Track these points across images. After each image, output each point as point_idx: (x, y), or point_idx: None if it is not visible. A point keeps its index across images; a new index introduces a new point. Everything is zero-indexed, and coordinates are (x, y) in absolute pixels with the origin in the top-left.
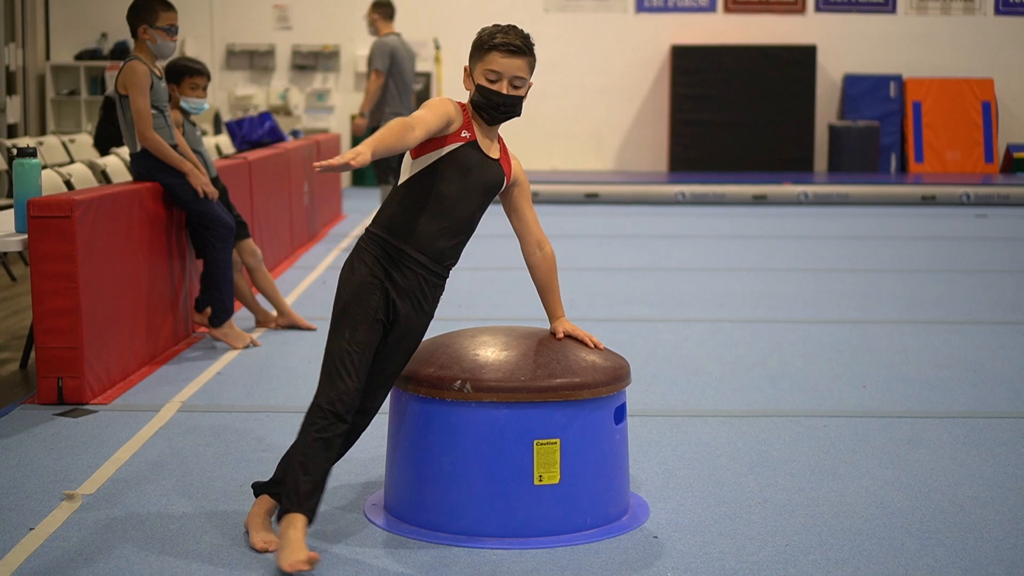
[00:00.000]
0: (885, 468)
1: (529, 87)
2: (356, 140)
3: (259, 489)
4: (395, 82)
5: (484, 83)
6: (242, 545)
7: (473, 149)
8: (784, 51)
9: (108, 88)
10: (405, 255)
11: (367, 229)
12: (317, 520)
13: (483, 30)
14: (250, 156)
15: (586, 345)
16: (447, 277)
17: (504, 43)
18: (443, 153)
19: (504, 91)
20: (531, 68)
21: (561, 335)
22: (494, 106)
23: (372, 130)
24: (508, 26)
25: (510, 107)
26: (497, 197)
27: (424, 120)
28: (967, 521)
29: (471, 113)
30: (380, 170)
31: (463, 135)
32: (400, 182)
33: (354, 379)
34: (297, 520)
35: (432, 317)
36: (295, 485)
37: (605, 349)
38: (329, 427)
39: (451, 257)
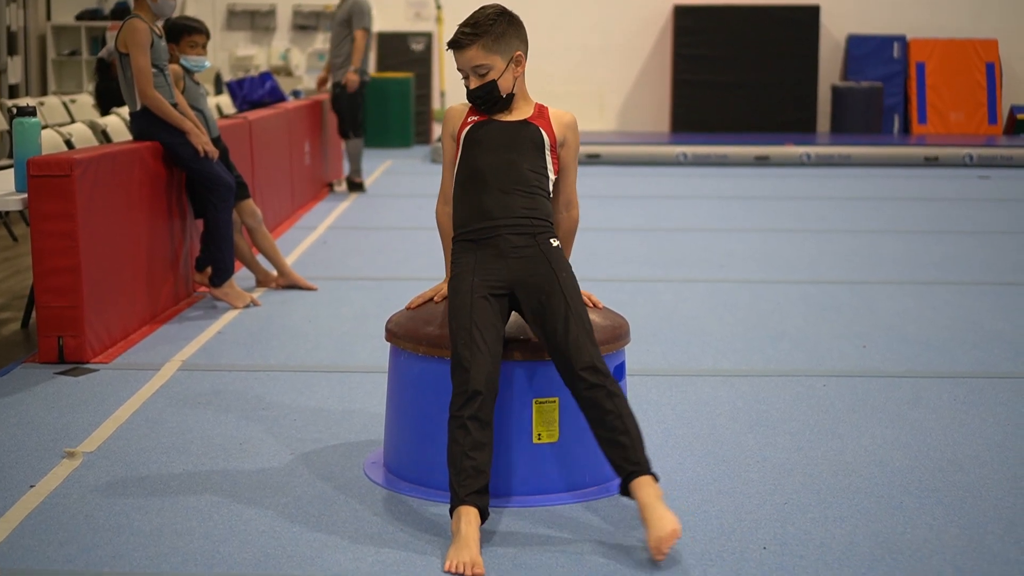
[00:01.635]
0: (885, 428)
1: (512, 66)
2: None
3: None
4: (369, 38)
5: (463, 81)
6: (241, 502)
7: (483, 125)
8: (787, 11)
9: (108, 45)
10: (473, 233)
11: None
12: (315, 478)
13: None
14: (251, 116)
15: (590, 304)
16: (542, 231)
17: (451, 43)
18: (461, 143)
19: (471, 86)
20: (491, 50)
21: None
22: (473, 101)
23: (363, 84)
24: (466, 19)
25: (483, 98)
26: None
27: (444, 173)
28: (966, 480)
29: None
30: (348, 125)
31: (469, 120)
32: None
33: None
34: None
35: (559, 268)
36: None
37: (604, 308)
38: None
39: (519, 211)
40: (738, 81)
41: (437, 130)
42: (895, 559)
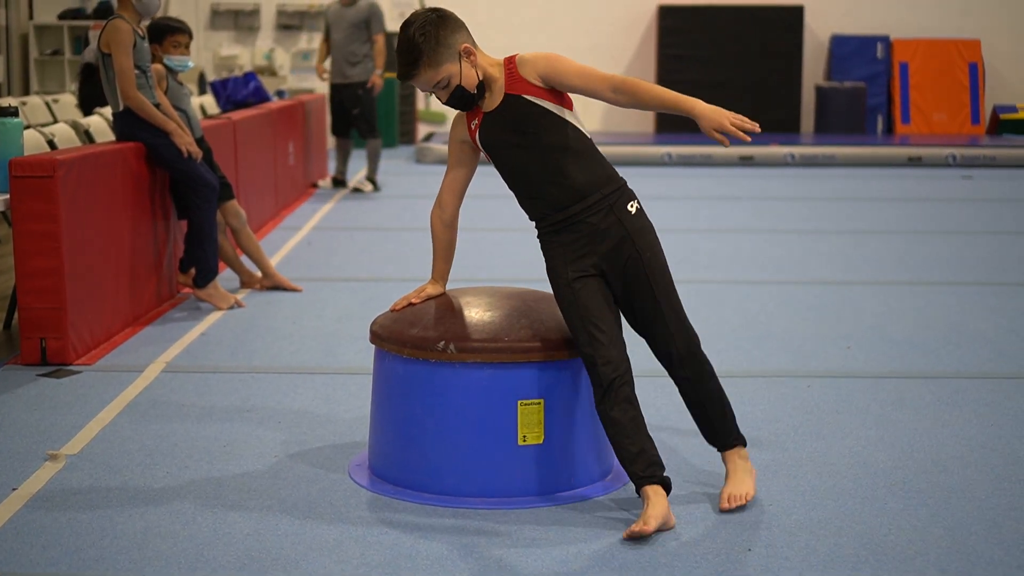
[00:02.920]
0: (869, 428)
1: (464, 62)
2: (340, 100)
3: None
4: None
5: None
6: (226, 504)
7: (486, 128)
8: (771, 11)
9: (91, 46)
10: (553, 225)
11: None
12: (299, 481)
13: None
14: (235, 116)
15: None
16: (615, 198)
17: (398, 76)
18: (482, 149)
19: (442, 100)
20: (436, 64)
21: (721, 122)
22: (453, 107)
23: (369, 86)
24: (397, 47)
25: (459, 104)
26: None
27: (444, 178)
28: (950, 481)
29: None
30: (369, 126)
31: (472, 126)
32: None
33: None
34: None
35: (643, 248)
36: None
37: None
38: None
39: (583, 188)
40: (722, 81)
41: (422, 130)
42: (879, 560)
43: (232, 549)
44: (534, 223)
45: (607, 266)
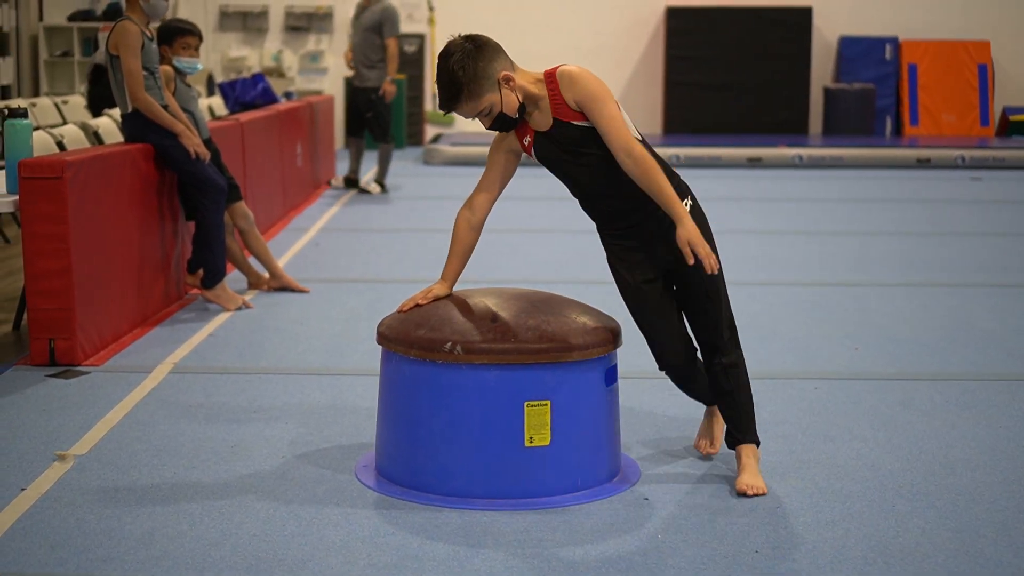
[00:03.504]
0: (877, 430)
1: (504, 88)
2: (355, 102)
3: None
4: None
5: None
6: (233, 505)
7: (540, 146)
8: (779, 13)
9: (100, 48)
10: (615, 231)
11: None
12: (306, 482)
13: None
14: (243, 118)
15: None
16: (685, 197)
17: (440, 107)
18: (536, 159)
19: (485, 126)
20: (477, 94)
21: (685, 244)
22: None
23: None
24: (437, 77)
25: (501, 128)
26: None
27: (480, 180)
28: (959, 484)
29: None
30: (382, 129)
31: (526, 141)
32: None
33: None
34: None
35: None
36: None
37: (597, 311)
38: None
39: (637, 197)
40: (730, 83)
41: (430, 132)
42: (887, 563)
43: (239, 550)
44: (600, 230)
45: (665, 264)
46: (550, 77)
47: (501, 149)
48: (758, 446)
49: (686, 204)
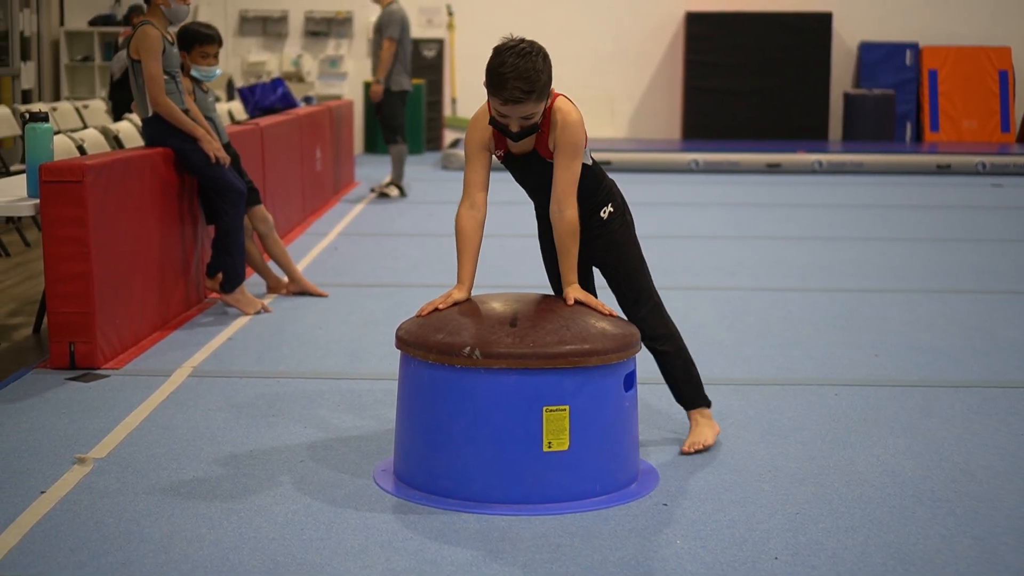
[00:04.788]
0: (896, 437)
1: (543, 104)
2: (370, 105)
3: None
4: (402, 48)
5: (496, 116)
6: (251, 509)
7: (510, 157)
8: (799, 18)
9: (119, 53)
10: (546, 220)
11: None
12: (325, 486)
13: (492, 62)
14: (262, 122)
15: (597, 312)
16: (595, 216)
17: (507, 98)
18: (503, 163)
19: (515, 129)
20: (540, 99)
21: (571, 302)
22: (507, 136)
23: (387, 91)
24: (513, 66)
25: (518, 138)
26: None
27: (470, 177)
28: (978, 490)
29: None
30: (387, 132)
31: (498, 154)
32: None
33: None
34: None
35: (597, 237)
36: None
37: (616, 316)
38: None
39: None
40: (750, 88)
41: (448, 136)
42: (907, 570)
43: (257, 554)
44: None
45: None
46: (549, 113)
47: (481, 145)
48: (708, 407)
49: (607, 211)
